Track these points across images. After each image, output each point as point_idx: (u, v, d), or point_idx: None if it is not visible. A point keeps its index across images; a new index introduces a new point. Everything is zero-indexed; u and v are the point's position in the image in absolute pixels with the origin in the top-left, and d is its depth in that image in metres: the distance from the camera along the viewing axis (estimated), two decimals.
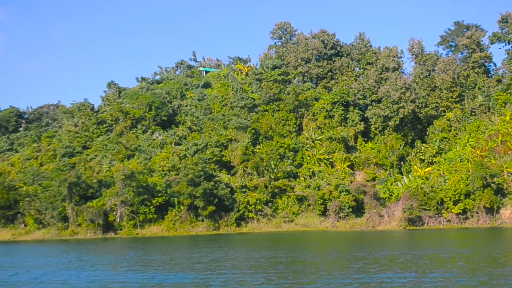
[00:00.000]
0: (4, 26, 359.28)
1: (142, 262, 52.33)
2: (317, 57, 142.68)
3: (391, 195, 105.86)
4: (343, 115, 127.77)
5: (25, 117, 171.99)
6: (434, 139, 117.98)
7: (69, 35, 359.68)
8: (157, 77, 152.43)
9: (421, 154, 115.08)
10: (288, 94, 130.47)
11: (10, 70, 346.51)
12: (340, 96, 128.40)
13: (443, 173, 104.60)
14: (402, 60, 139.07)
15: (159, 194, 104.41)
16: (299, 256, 54.20)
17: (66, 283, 38.34)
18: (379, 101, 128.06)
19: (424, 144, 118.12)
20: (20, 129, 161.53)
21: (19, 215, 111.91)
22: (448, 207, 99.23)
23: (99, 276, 41.26)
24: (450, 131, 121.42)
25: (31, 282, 39.88)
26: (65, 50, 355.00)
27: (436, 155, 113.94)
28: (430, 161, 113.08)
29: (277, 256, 53.39)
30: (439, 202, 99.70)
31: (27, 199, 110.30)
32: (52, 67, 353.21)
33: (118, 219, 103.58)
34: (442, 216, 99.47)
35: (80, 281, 39.55)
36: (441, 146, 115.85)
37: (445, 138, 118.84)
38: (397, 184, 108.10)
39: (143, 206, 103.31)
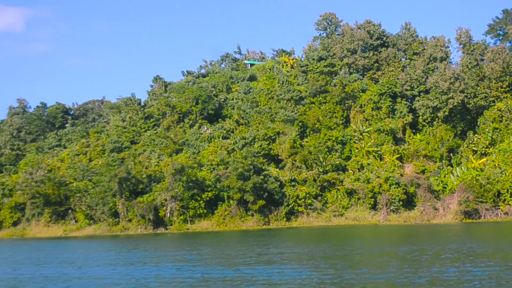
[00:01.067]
0: (49, 23, 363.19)
1: (200, 256, 51.07)
2: (363, 48, 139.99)
3: (445, 188, 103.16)
4: (391, 107, 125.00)
5: (71, 113, 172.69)
6: (486, 130, 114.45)
7: (113, 31, 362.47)
8: (203, 71, 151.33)
9: (473, 145, 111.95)
10: (335, 86, 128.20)
11: (56, 67, 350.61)
12: (388, 87, 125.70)
13: (498, 165, 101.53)
14: (450, 50, 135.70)
15: (209, 189, 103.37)
16: (358, 249, 52.43)
17: (135, 278, 37.16)
18: (427, 91, 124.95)
19: (476, 135, 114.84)
20: (67, 125, 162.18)
21: (70, 211, 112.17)
22: (505, 199, 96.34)
23: (167, 271, 40.00)
24: (501, 121, 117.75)
25: (109, 276, 38.89)
26: (109, 46, 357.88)
27: (489, 146, 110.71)
28: (483, 152, 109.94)
29: (338, 249, 51.60)
30: (496, 194, 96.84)
31: (78, 195, 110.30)
32: (97, 63, 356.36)
33: (168, 214, 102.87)
34: (499, 208, 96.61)
35: (147, 275, 38.35)
36: (493, 136, 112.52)
37: (496, 128, 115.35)
38: (450, 176, 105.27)
39: (193, 201, 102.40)
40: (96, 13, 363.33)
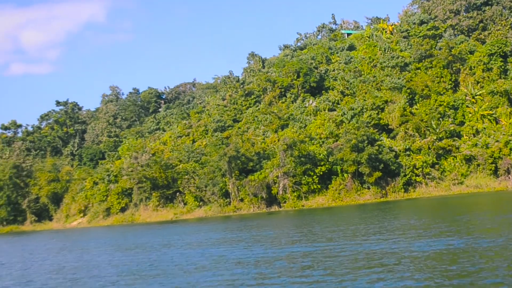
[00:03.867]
0: (130, 12, 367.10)
1: (335, 232, 46.09)
2: (466, 7, 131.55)
3: None
4: (502, 67, 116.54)
5: (163, 97, 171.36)
6: None
7: (196, 14, 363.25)
8: (299, 44, 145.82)
9: None
10: (440, 49, 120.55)
11: (145, 53, 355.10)
12: (497, 47, 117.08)
13: None
14: None
15: (321, 163, 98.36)
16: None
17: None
18: None
19: None
20: (160, 109, 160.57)
21: (178, 193, 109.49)
22: None
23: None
24: None
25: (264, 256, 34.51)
26: (194, 30, 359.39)
27: None
28: None
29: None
30: None
31: (186, 176, 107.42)
32: (184, 46, 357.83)
33: (281, 192, 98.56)
34: None
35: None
36: None
37: None
38: None
39: (306, 176, 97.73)
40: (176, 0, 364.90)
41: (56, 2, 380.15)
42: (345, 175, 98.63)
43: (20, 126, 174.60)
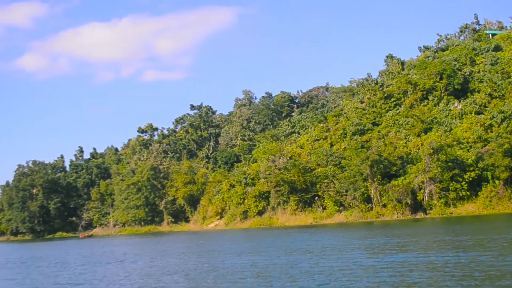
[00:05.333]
0: (258, 19, 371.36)
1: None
2: None
3: None
4: None
5: (296, 101, 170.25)
6: None
7: (324, 21, 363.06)
8: (440, 45, 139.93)
9: None
10: None
11: (277, 58, 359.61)
12: None
13: None
14: None
15: (471, 168, 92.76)
16: None
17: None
18: None
19: None
20: (293, 113, 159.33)
21: (316, 198, 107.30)
22: None
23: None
24: None
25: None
26: (326, 35, 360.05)
27: None
28: None
29: None
30: None
31: (326, 180, 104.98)
32: (316, 51, 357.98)
33: (427, 198, 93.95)
34: None
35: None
36: None
37: None
38: None
39: (453, 182, 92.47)
40: (306, 5, 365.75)
41: (188, 10, 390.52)
42: (497, 181, 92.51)
43: (156, 129, 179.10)
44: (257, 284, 30.96)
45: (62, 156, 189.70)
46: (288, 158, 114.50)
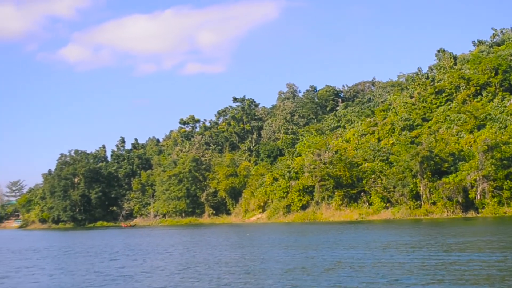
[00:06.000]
0: (306, 12, 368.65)
1: None
2: None
3: None
4: None
5: (341, 95, 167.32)
6: None
7: (369, 14, 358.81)
8: (495, 39, 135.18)
9: None
10: None
11: (321, 51, 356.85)
12: None
13: None
14: None
15: None
16: None
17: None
18: None
19: None
20: (338, 108, 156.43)
21: (362, 193, 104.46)
22: None
23: None
24: None
25: None
26: (370, 29, 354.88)
27: None
28: None
29: None
30: None
31: (372, 176, 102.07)
32: (361, 46, 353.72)
33: (479, 196, 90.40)
34: None
35: None
36: None
37: None
38: None
39: (508, 181, 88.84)
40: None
41: (232, 3, 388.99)
42: None
43: (198, 121, 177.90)
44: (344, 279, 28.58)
45: (104, 146, 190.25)
46: (333, 153, 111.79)
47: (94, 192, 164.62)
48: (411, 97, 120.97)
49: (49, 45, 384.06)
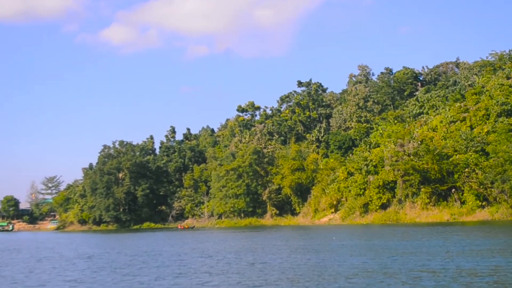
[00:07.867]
0: None
1: None
2: None
3: None
4: None
5: (421, 78, 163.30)
6: None
7: None
8: None
9: None
10: None
11: (395, 30, 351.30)
12: None
13: None
14: None
15: None
16: None
17: None
18: None
19: None
20: (417, 93, 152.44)
21: (453, 190, 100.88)
22: None
23: None
24: None
25: None
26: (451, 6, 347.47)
27: None
28: None
29: None
30: None
31: (466, 170, 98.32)
32: (442, 24, 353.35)
33: None
34: None
35: None
36: None
37: None
38: None
39: None
40: None
41: None
42: None
43: (258, 108, 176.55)
44: None
45: (151, 137, 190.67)
46: (419, 143, 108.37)
47: (140, 189, 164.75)
48: (508, 78, 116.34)
49: (91, 25, 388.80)
